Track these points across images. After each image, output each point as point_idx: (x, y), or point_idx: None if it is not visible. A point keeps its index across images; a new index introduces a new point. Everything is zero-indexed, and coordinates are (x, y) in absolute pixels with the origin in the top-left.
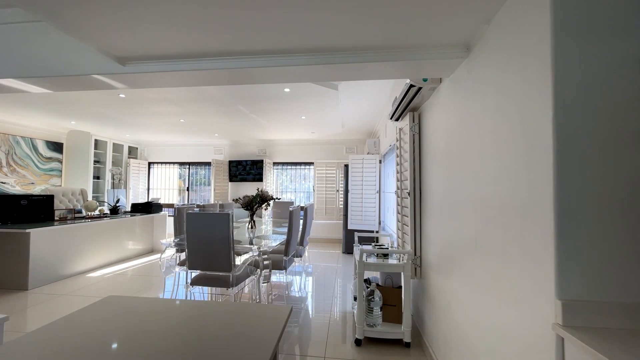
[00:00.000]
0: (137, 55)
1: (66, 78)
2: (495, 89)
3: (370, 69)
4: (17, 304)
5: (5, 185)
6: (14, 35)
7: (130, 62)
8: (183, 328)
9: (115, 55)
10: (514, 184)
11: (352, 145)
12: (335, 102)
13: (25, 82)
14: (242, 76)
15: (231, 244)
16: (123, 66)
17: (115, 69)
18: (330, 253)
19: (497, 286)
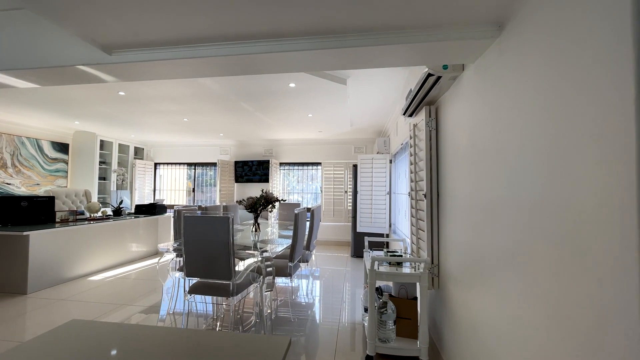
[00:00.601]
0: (123, 43)
1: (50, 70)
2: (541, 71)
3: (384, 55)
4: (14, 309)
5: (10, 186)
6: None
7: (116, 51)
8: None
9: (100, 43)
10: (574, 185)
11: (361, 144)
12: (344, 98)
13: (7, 75)
14: (241, 64)
15: (231, 249)
16: (109, 55)
17: (100, 58)
18: (338, 256)
19: (544, 311)
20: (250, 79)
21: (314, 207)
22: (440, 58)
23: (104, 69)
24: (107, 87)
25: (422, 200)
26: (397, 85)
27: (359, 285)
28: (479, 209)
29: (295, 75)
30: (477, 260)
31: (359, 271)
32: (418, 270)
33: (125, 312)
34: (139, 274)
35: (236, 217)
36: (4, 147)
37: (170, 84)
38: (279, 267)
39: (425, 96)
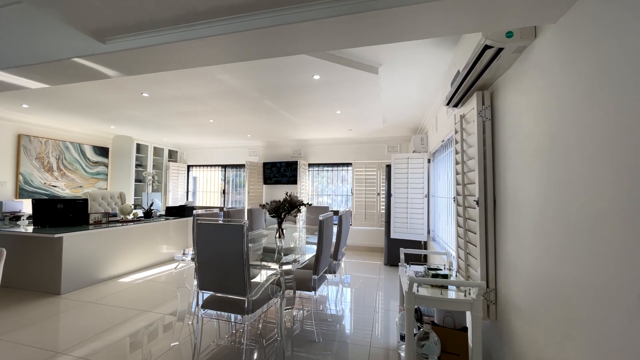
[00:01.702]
0: (115, 26)
1: (49, 65)
2: None
3: (423, 19)
4: (48, 310)
5: (55, 188)
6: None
7: (110, 39)
8: None
9: (91, 30)
10: None
11: (395, 143)
12: (375, 90)
13: (9, 73)
14: (249, 44)
15: (245, 261)
16: (103, 44)
17: (94, 48)
18: (369, 264)
19: None
20: (270, 72)
21: (343, 211)
22: (503, 19)
23: (101, 60)
24: (130, 88)
25: (472, 208)
26: (439, 72)
27: (393, 296)
28: (561, 225)
29: (320, 65)
30: (557, 294)
31: (393, 282)
32: (469, 295)
33: (143, 320)
34: (167, 277)
35: (262, 221)
36: (50, 151)
37: (187, 83)
38: (302, 280)
39: (478, 78)
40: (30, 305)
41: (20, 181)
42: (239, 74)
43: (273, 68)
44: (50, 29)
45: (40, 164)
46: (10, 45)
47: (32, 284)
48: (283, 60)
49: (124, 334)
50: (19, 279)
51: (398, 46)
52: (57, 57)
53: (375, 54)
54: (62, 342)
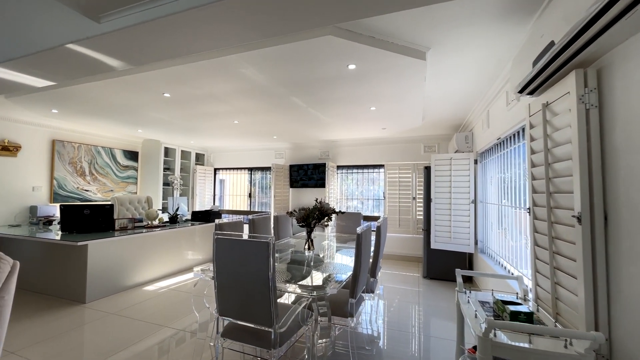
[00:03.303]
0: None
1: (44, 55)
2: None
3: None
4: (72, 320)
5: (88, 192)
6: None
7: (105, 15)
8: None
9: (82, 5)
10: None
11: (432, 142)
12: (420, 80)
13: (9, 69)
14: (270, 10)
15: (271, 285)
16: (98, 23)
17: (89, 29)
18: (406, 276)
19: None
20: (298, 63)
21: (380, 220)
22: None
23: (99, 46)
24: (150, 88)
25: (567, 226)
26: (499, 56)
27: (436, 315)
28: None
29: (357, 51)
30: None
31: (435, 300)
32: (570, 347)
33: (164, 337)
34: (191, 287)
35: (289, 229)
36: (83, 156)
37: (209, 80)
38: (337, 303)
39: (580, 51)
40: (56, 314)
41: (55, 186)
42: (264, 67)
43: (302, 57)
44: (40, 12)
45: (73, 169)
46: (6, 39)
47: (58, 290)
48: (314, 47)
49: (143, 354)
50: (46, 285)
51: (453, 24)
52: (50, 45)
53: (425, 35)
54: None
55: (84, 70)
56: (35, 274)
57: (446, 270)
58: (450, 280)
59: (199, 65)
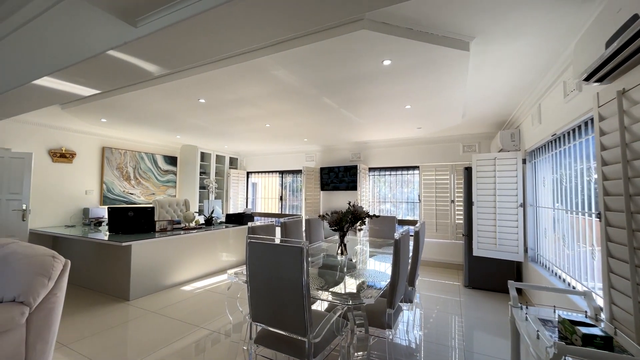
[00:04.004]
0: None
1: (87, 64)
2: None
3: None
4: (119, 316)
5: (132, 195)
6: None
7: (141, 19)
8: None
9: (120, 9)
10: None
11: (472, 141)
12: (462, 73)
13: (57, 79)
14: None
15: (305, 292)
16: (135, 27)
17: (127, 34)
18: (445, 285)
19: None
20: (331, 61)
21: (419, 225)
22: None
23: (135, 51)
24: (186, 94)
25: None
26: (553, 42)
27: (480, 329)
28: None
29: (393, 44)
30: None
31: (479, 311)
32: None
33: (199, 337)
34: (225, 288)
35: (321, 232)
36: (128, 162)
37: (241, 84)
38: (373, 313)
39: None
40: (103, 310)
41: (104, 189)
42: (295, 67)
43: (334, 55)
44: (84, 21)
45: (119, 174)
46: (53, 48)
47: (106, 287)
48: (346, 43)
49: (180, 353)
50: (95, 282)
51: (503, 8)
52: (92, 53)
53: (469, 23)
54: (118, 358)
55: (124, 76)
56: (86, 271)
57: (491, 279)
58: (496, 291)
59: (232, 70)
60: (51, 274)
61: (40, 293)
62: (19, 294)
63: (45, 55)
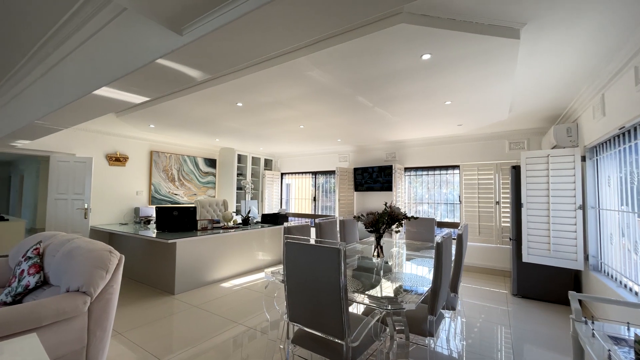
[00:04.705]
0: (186, 6)
1: (139, 73)
2: None
3: None
4: (165, 308)
5: (177, 196)
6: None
7: (186, 27)
8: None
9: (166, 18)
10: None
11: (520, 138)
12: (510, 64)
13: (114, 89)
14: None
15: (343, 295)
16: (180, 35)
17: (173, 42)
18: (490, 292)
19: None
20: (366, 58)
21: (462, 227)
22: None
23: (181, 58)
24: (225, 99)
25: None
26: (627, 20)
27: (534, 342)
28: None
29: (433, 37)
30: None
31: (530, 323)
32: None
33: (238, 333)
34: (262, 287)
35: (355, 233)
36: (173, 164)
37: (277, 85)
38: (413, 319)
39: None
40: (152, 303)
41: (152, 190)
42: (330, 67)
43: (370, 52)
44: (135, 34)
45: (165, 176)
46: (110, 60)
47: (154, 281)
48: (383, 39)
49: (220, 347)
50: (145, 276)
51: None
52: (143, 63)
53: (519, 8)
54: (165, 348)
55: (170, 83)
56: (137, 266)
57: (543, 288)
58: (549, 301)
59: (268, 72)
60: (108, 267)
61: (99, 284)
62: (82, 284)
63: (104, 67)
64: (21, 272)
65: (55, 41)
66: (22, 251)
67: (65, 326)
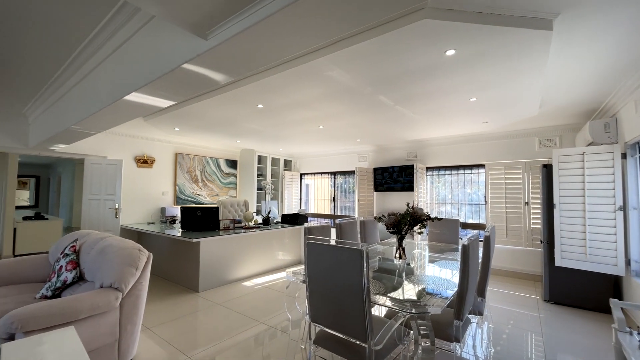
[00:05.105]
0: (211, 11)
1: (166, 78)
2: None
3: None
4: (190, 305)
5: (200, 196)
6: (128, 53)
7: (211, 32)
8: None
9: (191, 24)
10: None
11: (551, 135)
12: (542, 56)
13: (144, 94)
14: None
15: (365, 297)
16: (205, 40)
17: (198, 47)
18: (519, 297)
19: None
20: (387, 56)
21: (489, 229)
22: None
23: (206, 62)
24: (247, 101)
25: None
26: None
27: (569, 352)
28: None
29: (458, 31)
30: None
31: (565, 331)
32: None
33: (260, 331)
34: (282, 286)
35: (376, 234)
36: (196, 166)
37: (297, 86)
38: (438, 324)
39: None
40: (177, 300)
41: (177, 191)
42: (350, 66)
43: (392, 50)
44: (163, 40)
45: (189, 177)
46: (140, 66)
47: (179, 279)
48: (405, 36)
49: (242, 344)
50: (171, 273)
51: None
52: (170, 68)
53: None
54: (190, 344)
55: (195, 87)
56: (163, 263)
57: (578, 294)
58: (585, 308)
59: (288, 74)
60: (138, 265)
61: (130, 281)
62: (114, 281)
63: (134, 73)
64: (60, 268)
65: (89, 51)
66: (61, 248)
67: (99, 320)
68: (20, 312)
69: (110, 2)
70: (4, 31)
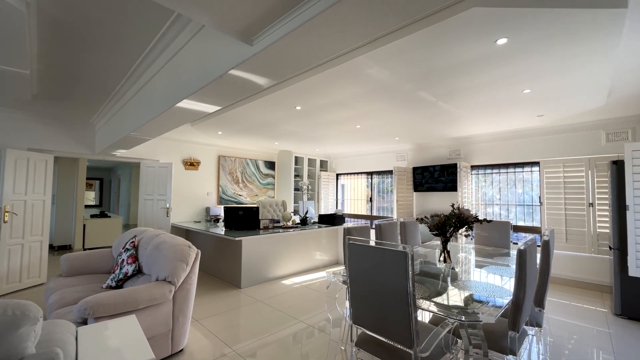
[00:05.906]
0: (258, 16)
1: (214, 85)
2: None
3: None
4: (233, 301)
5: (241, 197)
6: (180, 62)
7: (256, 37)
8: None
9: (236, 30)
10: None
11: (622, 127)
12: (612, 38)
13: (193, 100)
14: None
15: (411, 302)
16: (251, 46)
17: (244, 53)
18: (584, 309)
19: None
20: (428, 50)
21: (548, 233)
22: None
23: (251, 67)
24: (285, 104)
25: None
26: None
27: None
28: None
29: (513, 17)
30: None
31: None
32: None
33: (299, 329)
34: (320, 286)
35: (417, 236)
36: (237, 167)
37: (335, 86)
38: (490, 334)
39: None
40: (222, 295)
41: (220, 191)
42: (390, 62)
43: (435, 44)
44: (211, 48)
45: (231, 178)
46: (190, 74)
47: (223, 275)
48: (450, 28)
49: (282, 341)
50: (215, 269)
51: None
52: (217, 74)
53: None
54: (234, 337)
55: (239, 92)
56: (208, 260)
57: None
58: None
59: (326, 74)
60: (188, 261)
61: (181, 275)
62: (168, 274)
63: (184, 81)
64: (122, 261)
65: (146, 63)
66: (122, 243)
67: (155, 311)
68: (91, 299)
69: (165, 16)
70: (75, 50)
